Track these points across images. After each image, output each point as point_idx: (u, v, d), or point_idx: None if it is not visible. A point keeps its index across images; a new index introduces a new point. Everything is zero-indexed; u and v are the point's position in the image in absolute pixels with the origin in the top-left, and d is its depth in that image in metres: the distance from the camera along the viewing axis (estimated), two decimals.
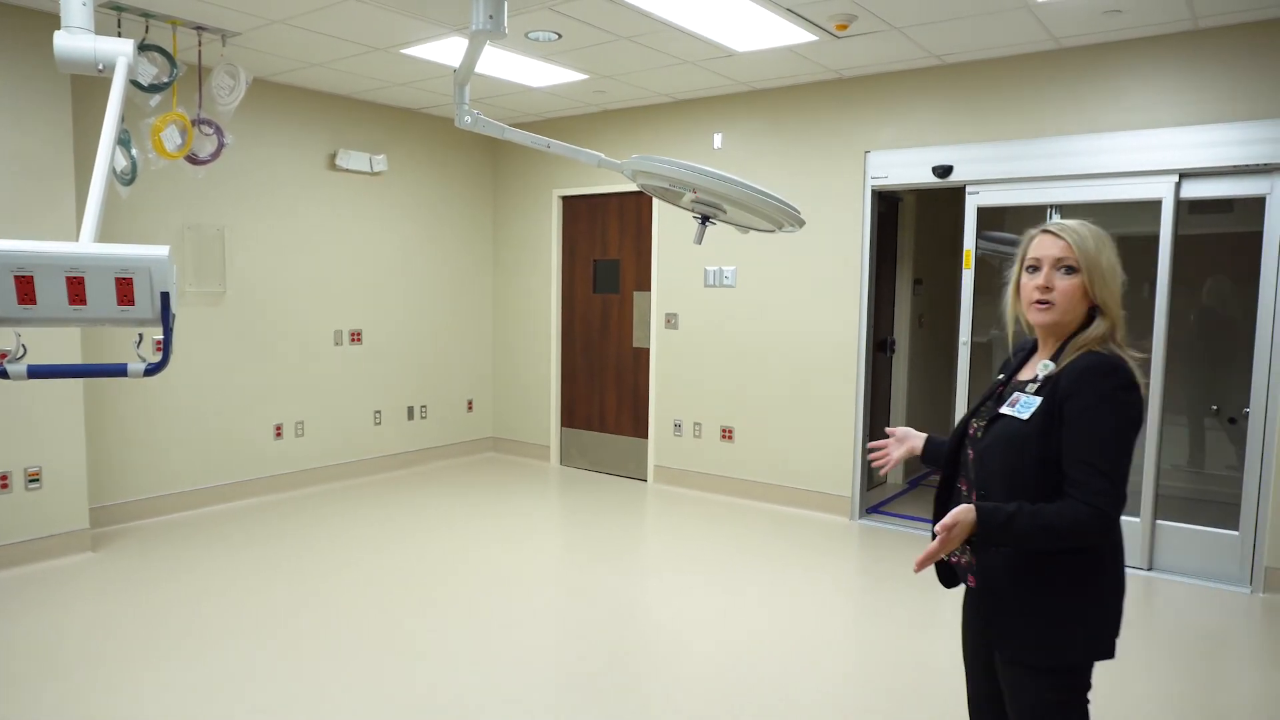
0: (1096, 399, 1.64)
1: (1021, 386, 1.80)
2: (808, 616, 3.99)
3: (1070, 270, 1.74)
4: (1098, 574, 1.71)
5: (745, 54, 4.97)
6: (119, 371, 1.69)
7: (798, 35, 4.57)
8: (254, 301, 5.80)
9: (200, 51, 4.71)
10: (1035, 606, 1.71)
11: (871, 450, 2.16)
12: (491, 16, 2.17)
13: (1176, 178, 4.50)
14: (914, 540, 5.22)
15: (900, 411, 6.69)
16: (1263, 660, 3.63)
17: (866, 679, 3.38)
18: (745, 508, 5.89)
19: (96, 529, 4.98)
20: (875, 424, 6.21)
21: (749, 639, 3.71)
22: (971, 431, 1.87)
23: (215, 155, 4.72)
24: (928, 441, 2.07)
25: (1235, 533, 4.48)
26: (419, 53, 5.05)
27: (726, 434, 6.17)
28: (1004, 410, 1.78)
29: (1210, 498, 5.44)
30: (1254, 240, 4.39)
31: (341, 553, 4.76)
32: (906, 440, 2.10)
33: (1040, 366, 1.78)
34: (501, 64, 5.27)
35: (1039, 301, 1.77)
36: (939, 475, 1.94)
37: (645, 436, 6.67)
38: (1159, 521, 4.65)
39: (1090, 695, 1.78)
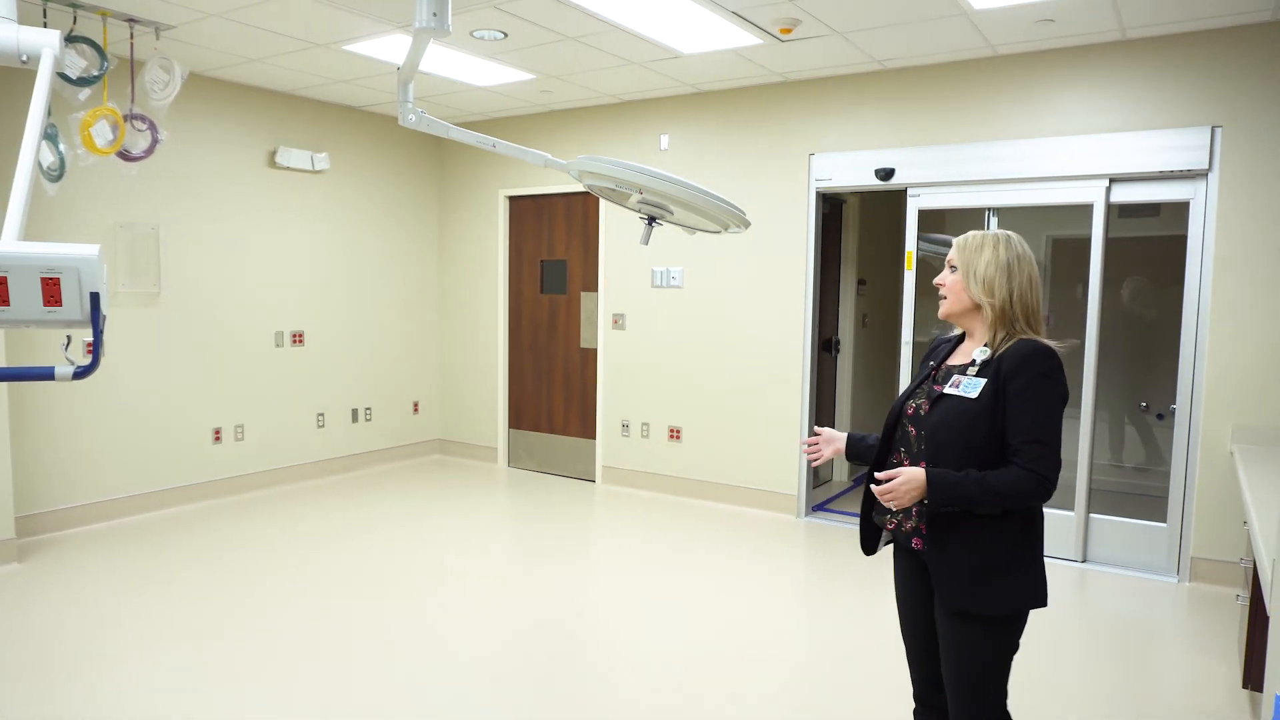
0: (1034, 378, 1.90)
1: (960, 370, 2.04)
2: (755, 613, 4.03)
3: (954, 269, 2.08)
4: (1032, 533, 1.97)
5: (691, 56, 5.00)
6: (46, 375, 1.63)
7: (743, 38, 4.62)
8: (191, 302, 5.64)
9: (132, 44, 4.56)
10: (981, 563, 1.93)
11: (807, 445, 2.34)
12: (435, 14, 2.15)
13: (1107, 182, 4.66)
14: (859, 537, 5.29)
15: (845, 409, 6.80)
16: (1190, 647, 3.77)
17: (814, 672, 3.43)
18: (693, 507, 5.92)
19: (23, 539, 4.79)
20: (821, 422, 6.30)
21: (697, 637, 3.73)
22: (910, 411, 2.09)
23: (149, 152, 4.58)
24: (849, 439, 2.28)
25: (1163, 525, 4.65)
26: (361, 49, 4.97)
27: (674, 434, 6.20)
28: (949, 390, 2.00)
29: (1139, 491, 5.64)
30: (1179, 243, 4.56)
31: (283, 558, 4.66)
32: (833, 441, 2.30)
33: (977, 352, 2.02)
34: (447, 62, 5.21)
35: (940, 295, 2.12)
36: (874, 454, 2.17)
37: (593, 437, 6.66)
38: (1091, 515, 4.81)
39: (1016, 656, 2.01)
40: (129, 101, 4.53)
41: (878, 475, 1.94)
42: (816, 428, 2.37)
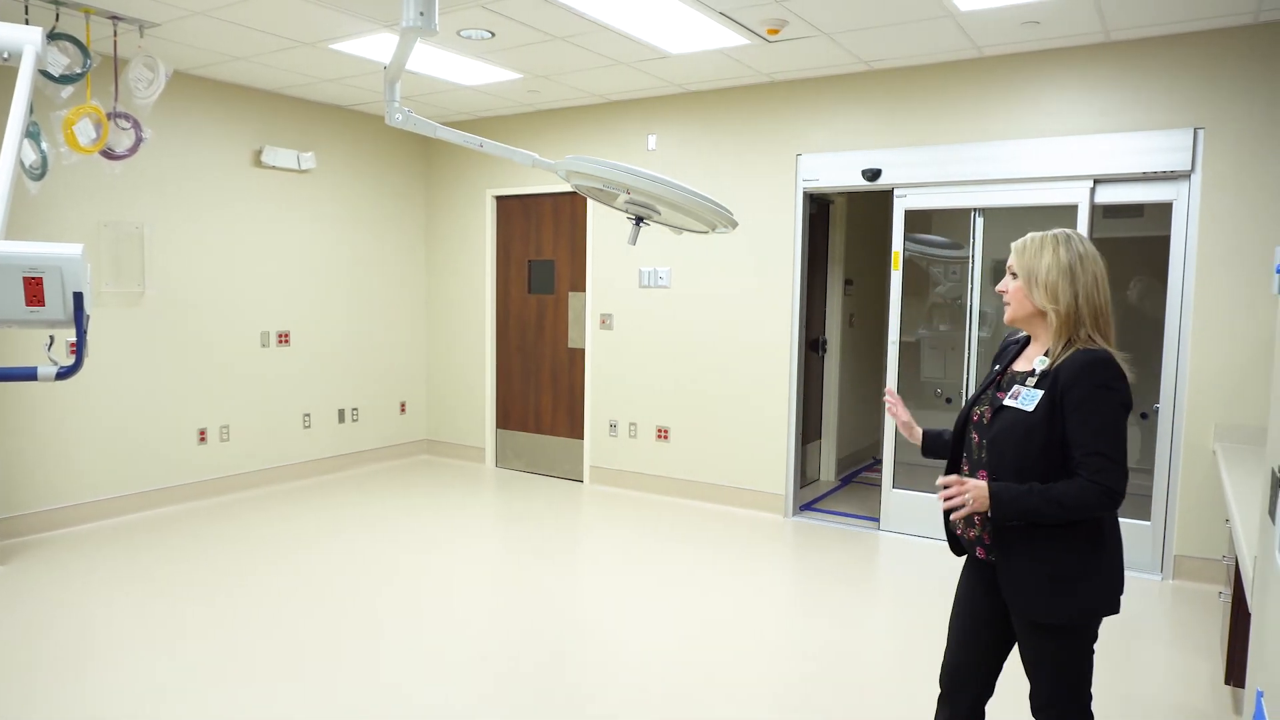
0: (1093, 389, 1.87)
1: (1021, 379, 2.01)
2: (744, 613, 4.03)
3: (1015, 275, 2.03)
4: (1099, 542, 1.94)
5: (679, 56, 5.00)
6: (29, 375, 1.62)
7: (730, 38, 4.63)
8: (176, 302, 5.60)
9: (116, 42, 4.53)
10: (1049, 574, 1.92)
11: (891, 399, 2.32)
12: (423, 13, 2.14)
13: (1091, 183, 4.69)
14: (846, 536, 5.32)
15: (832, 410, 6.82)
16: (1173, 643, 3.81)
17: (802, 672, 3.44)
18: (681, 507, 5.93)
19: (4, 541, 4.75)
20: (808, 422, 6.32)
21: (686, 636, 3.73)
22: (975, 418, 2.09)
23: (133, 150, 4.55)
24: (926, 435, 2.27)
25: (1147, 523, 4.69)
26: (348, 48, 4.95)
27: (662, 434, 6.20)
28: (1007, 402, 1.99)
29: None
30: (1163, 244, 4.60)
31: (268, 560, 4.64)
32: (908, 422, 2.27)
33: (1037, 362, 2.00)
34: (434, 61, 5.20)
35: (1004, 301, 2.07)
36: (943, 462, 2.20)
37: (581, 437, 6.66)
38: None
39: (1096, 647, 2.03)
40: (113, 100, 4.50)
41: (940, 481, 1.95)
42: (890, 388, 2.37)
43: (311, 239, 6.46)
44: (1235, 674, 3.01)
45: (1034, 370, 1.98)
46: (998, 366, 2.15)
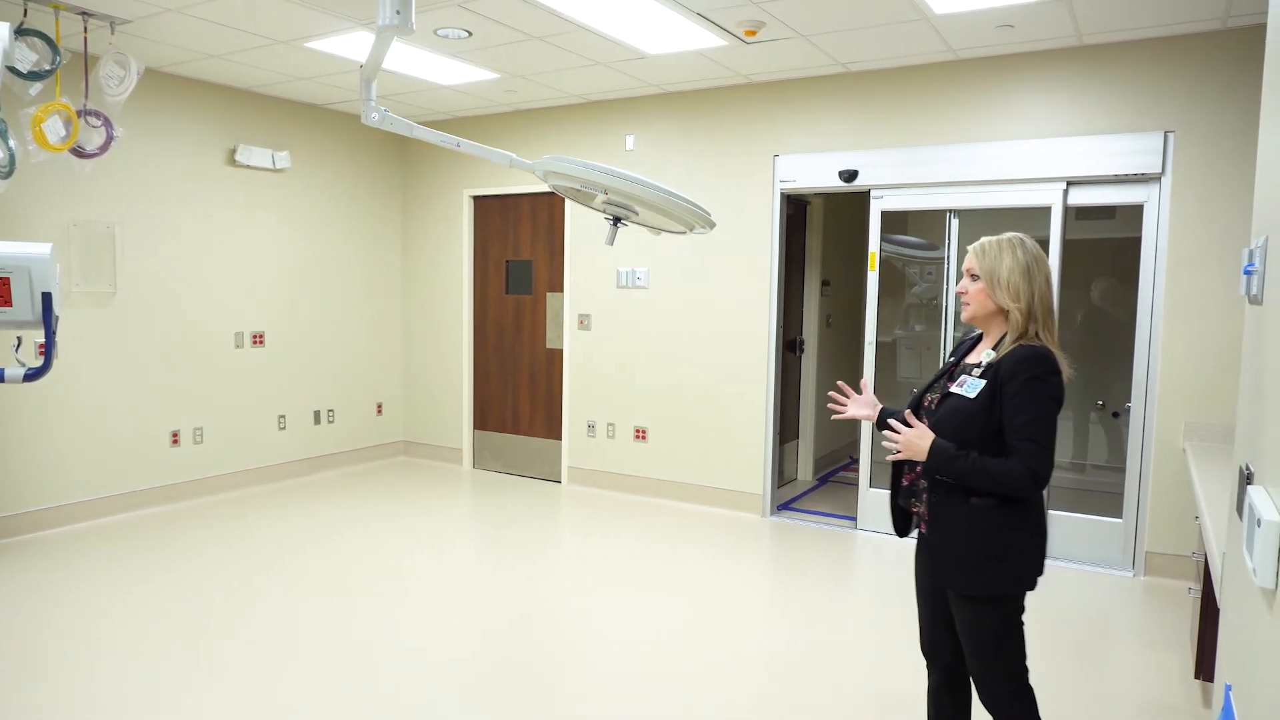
0: (1028, 381, 2.04)
1: (969, 369, 2.19)
2: (722, 612, 4.04)
3: (975, 277, 2.19)
4: (1023, 523, 2.12)
5: (656, 57, 5.01)
6: None
7: (708, 40, 4.64)
8: (148, 302, 5.53)
9: (86, 39, 4.46)
10: (977, 550, 2.10)
11: (833, 399, 2.49)
12: (399, 12, 2.13)
13: (1064, 185, 4.75)
14: (824, 535, 5.35)
15: (810, 410, 6.86)
16: (1144, 639, 3.86)
17: (781, 669, 3.45)
18: (659, 507, 5.93)
19: None
20: (785, 422, 6.35)
21: (664, 636, 3.74)
22: (926, 404, 2.26)
23: (104, 148, 4.48)
24: (883, 412, 2.42)
25: (1119, 520, 4.76)
26: (323, 47, 4.91)
27: (640, 434, 6.20)
28: (953, 389, 2.18)
29: (1097, 488, 5.75)
30: (1134, 245, 4.67)
31: (243, 563, 4.59)
32: (868, 405, 2.44)
33: (984, 354, 2.18)
34: (410, 60, 5.17)
35: (962, 301, 2.24)
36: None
37: (559, 438, 6.65)
38: (1051, 512, 4.90)
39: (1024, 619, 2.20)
40: (83, 97, 4.43)
41: (891, 422, 2.16)
42: (862, 381, 2.53)
43: (287, 239, 6.40)
44: (1205, 668, 3.06)
45: (980, 362, 2.17)
46: (952, 359, 2.35)
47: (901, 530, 2.37)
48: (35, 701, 3.06)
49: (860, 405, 2.44)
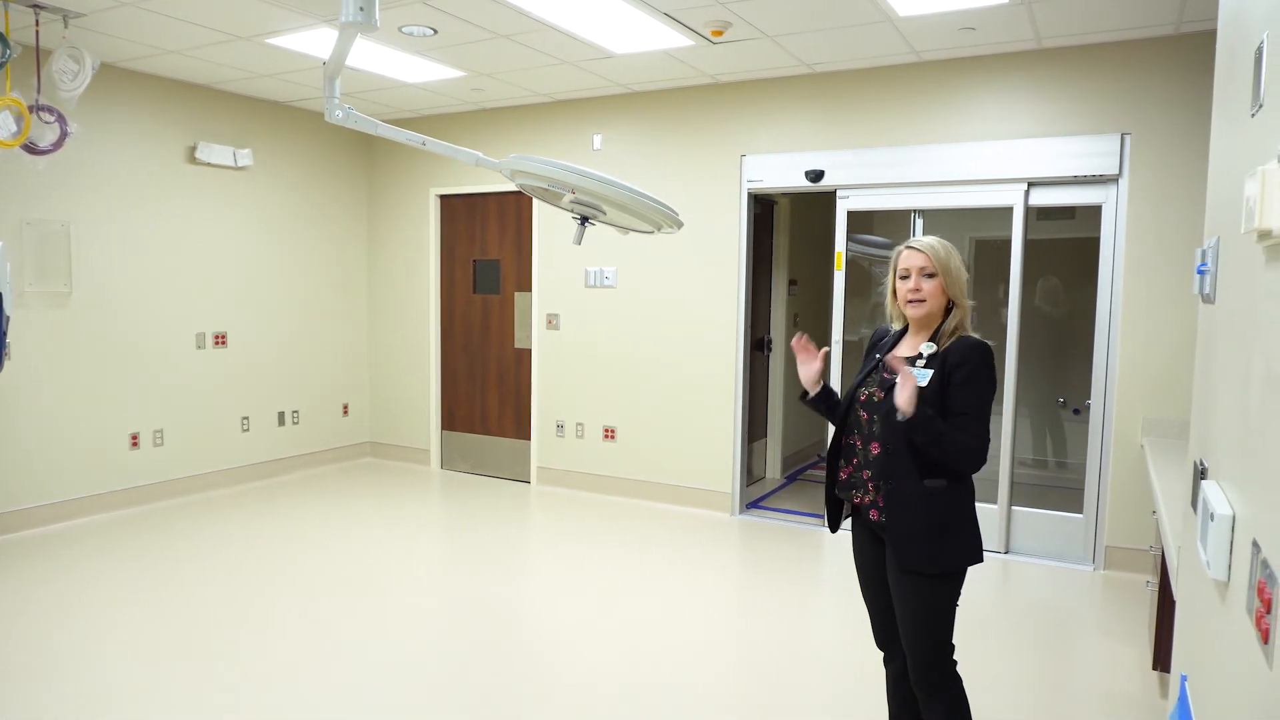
0: (976, 368, 2.19)
1: (910, 362, 2.27)
2: (691, 611, 4.05)
3: (931, 275, 2.29)
4: (969, 500, 2.27)
5: (624, 56, 5.00)
6: None
7: (675, 39, 4.64)
8: (105, 302, 5.41)
9: (38, 32, 4.36)
10: (928, 530, 2.21)
11: (800, 347, 2.47)
12: (362, 8, 2.10)
13: (1025, 186, 4.82)
14: (793, 533, 5.39)
15: (778, 408, 6.90)
16: (1103, 631, 3.94)
17: (749, 667, 3.47)
18: (628, 506, 5.93)
19: None
20: (754, 421, 6.38)
21: (633, 635, 3.74)
22: (864, 398, 2.34)
23: (57, 145, 4.38)
24: (825, 386, 2.49)
25: (1079, 515, 4.84)
26: (286, 43, 4.84)
27: (609, 434, 6.20)
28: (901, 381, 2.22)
29: (1057, 484, 5.86)
30: (1094, 245, 4.75)
31: (207, 566, 4.51)
32: (815, 368, 2.45)
33: (924, 346, 2.28)
34: (375, 58, 5.11)
35: (913, 300, 2.31)
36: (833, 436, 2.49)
37: (528, 438, 6.62)
38: (1014, 508, 4.98)
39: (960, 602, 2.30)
40: (35, 92, 4.33)
41: (890, 361, 2.23)
42: (824, 351, 2.52)
43: (250, 238, 6.30)
44: (1161, 659, 3.12)
45: (921, 354, 2.27)
46: (877, 355, 2.41)
47: (834, 525, 2.48)
48: None
49: (811, 362, 2.44)
